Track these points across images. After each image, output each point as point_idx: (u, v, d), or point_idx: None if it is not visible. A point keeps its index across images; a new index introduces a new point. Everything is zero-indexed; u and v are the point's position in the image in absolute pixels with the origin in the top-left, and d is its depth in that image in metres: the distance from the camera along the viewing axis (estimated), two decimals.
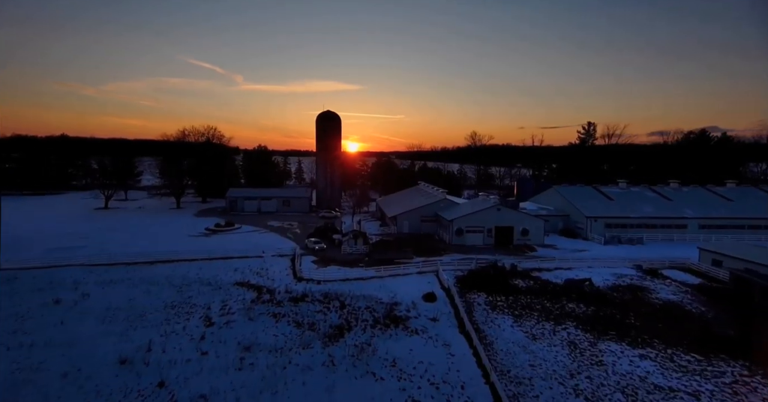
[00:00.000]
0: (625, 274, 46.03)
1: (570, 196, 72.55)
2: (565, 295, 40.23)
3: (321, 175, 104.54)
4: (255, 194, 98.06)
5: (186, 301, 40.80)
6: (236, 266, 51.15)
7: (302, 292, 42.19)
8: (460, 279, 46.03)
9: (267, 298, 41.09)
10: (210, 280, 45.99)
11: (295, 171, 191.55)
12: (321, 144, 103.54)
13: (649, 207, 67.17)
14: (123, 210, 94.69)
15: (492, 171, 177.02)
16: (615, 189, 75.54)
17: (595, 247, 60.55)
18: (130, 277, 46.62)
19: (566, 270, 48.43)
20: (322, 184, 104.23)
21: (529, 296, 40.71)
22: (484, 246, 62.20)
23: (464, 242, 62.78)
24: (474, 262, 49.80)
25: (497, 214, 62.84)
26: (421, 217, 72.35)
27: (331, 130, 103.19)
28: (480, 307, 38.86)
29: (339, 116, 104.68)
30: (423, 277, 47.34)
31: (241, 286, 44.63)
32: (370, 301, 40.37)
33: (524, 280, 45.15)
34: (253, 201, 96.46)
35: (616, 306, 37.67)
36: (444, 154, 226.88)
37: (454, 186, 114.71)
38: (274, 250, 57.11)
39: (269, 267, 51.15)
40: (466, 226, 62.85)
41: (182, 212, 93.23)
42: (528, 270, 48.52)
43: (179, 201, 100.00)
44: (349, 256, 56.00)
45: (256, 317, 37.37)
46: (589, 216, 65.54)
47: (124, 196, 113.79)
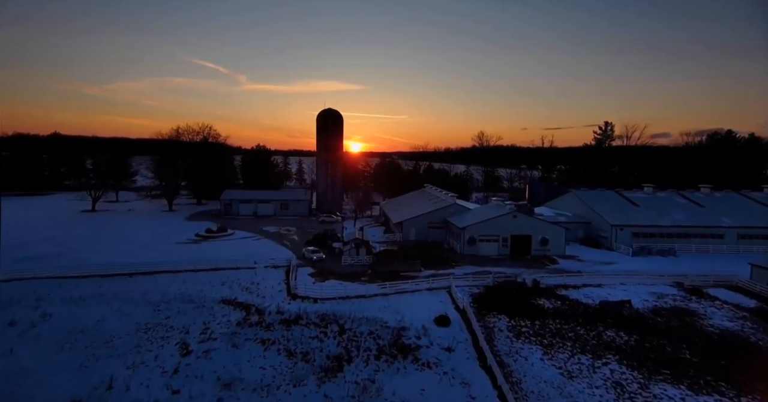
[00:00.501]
0: (665, 294, 40.69)
1: (591, 202, 67.20)
2: (600, 320, 34.98)
3: (321, 176, 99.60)
4: (251, 197, 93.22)
5: (162, 322, 35.81)
6: (224, 279, 46.18)
7: (296, 312, 37.12)
8: (477, 297, 40.86)
9: (255, 320, 36.05)
10: (193, 297, 41.00)
11: (296, 172, 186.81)
12: (322, 144, 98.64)
13: (680, 214, 61.73)
14: (111, 213, 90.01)
15: (499, 173, 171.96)
16: (640, 194, 70.11)
17: (622, 259, 55.19)
18: (103, 292, 41.70)
19: (595, 287, 43.15)
20: (322, 186, 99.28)
21: (557, 320, 35.46)
22: (498, 257, 56.98)
23: (477, 252, 57.59)
24: (491, 277, 44.61)
25: (513, 221, 57.62)
26: (429, 223, 67.21)
27: (333, 129, 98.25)
28: (502, 334, 33.67)
29: (341, 114, 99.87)
30: (434, 294, 42.19)
31: (228, 304, 39.61)
32: (374, 324, 35.25)
33: (549, 300, 39.91)
34: (249, 204, 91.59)
35: (662, 335, 32.39)
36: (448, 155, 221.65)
37: (461, 189, 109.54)
38: (268, 261, 52.14)
39: (261, 280, 46.15)
40: (479, 234, 57.67)
41: (174, 215, 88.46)
42: (552, 287, 43.28)
43: (171, 203, 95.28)
44: (350, 268, 50.94)
45: (242, 344, 32.34)
46: (615, 224, 60.18)
47: (115, 198, 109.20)
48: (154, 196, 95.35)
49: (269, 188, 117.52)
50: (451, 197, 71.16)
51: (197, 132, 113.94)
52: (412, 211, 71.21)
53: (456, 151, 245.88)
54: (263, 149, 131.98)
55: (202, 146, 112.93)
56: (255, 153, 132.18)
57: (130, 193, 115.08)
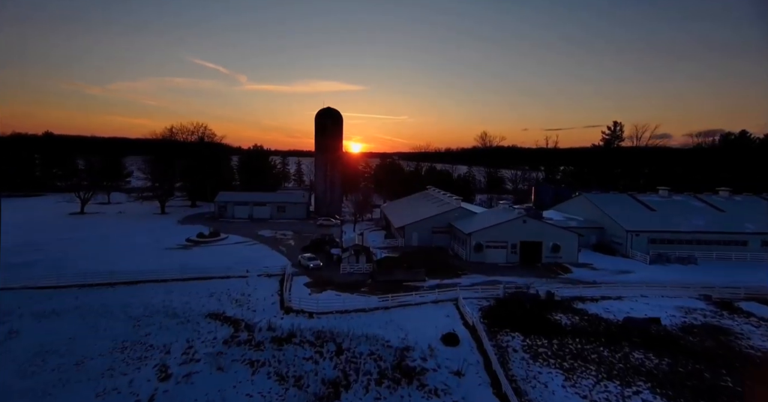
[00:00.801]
0: (693, 308, 37.47)
1: (604, 206, 64.01)
2: (625, 339, 31.77)
3: (320, 177, 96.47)
4: (247, 199, 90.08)
5: (142, 340, 32.64)
6: (213, 290, 43.02)
7: (289, 329, 33.91)
8: (486, 311, 37.69)
9: (244, 338, 32.84)
10: (177, 310, 37.82)
11: (295, 172, 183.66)
12: (320, 144, 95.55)
13: (700, 219, 58.53)
14: (101, 215, 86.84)
15: (503, 174, 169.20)
16: (655, 197, 66.92)
17: (639, 267, 51.99)
18: (79, 304, 38.52)
19: (615, 300, 39.96)
20: (321, 187, 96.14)
21: (577, 339, 32.26)
22: (507, 264, 53.81)
23: (484, 259, 54.43)
24: (501, 289, 41.41)
25: (523, 226, 54.45)
26: (433, 228, 64.07)
27: (332, 129, 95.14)
28: (517, 356, 30.47)
29: (340, 114, 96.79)
30: (440, 307, 39.02)
31: (215, 319, 36.43)
32: (375, 343, 32.05)
33: (566, 315, 36.72)
34: (245, 206, 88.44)
35: (697, 357, 29.18)
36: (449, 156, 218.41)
37: (465, 191, 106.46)
38: (261, 269, 49.01)
39: (253, 291, 42.98)
40: (486, 240, 54.49)
41: (166, 218, 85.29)
42: (568, 299, 40.09)
43: (164, 205, 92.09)
44: (349, 277, 47.77)
45: (228, 366, 29.16)
46: (630, 230, 56.99)
47: (107, 199, 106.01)
48: (146, 198, 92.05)
49: (266, 190, 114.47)
50: (455, 200, 68.02)
51: (192, 131, 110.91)
52: (414, 215, 68.05)
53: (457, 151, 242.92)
54: (260, 149, 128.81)
55: (197, 146, 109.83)
56: (252, 153, 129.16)
57: (124, 195, 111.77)
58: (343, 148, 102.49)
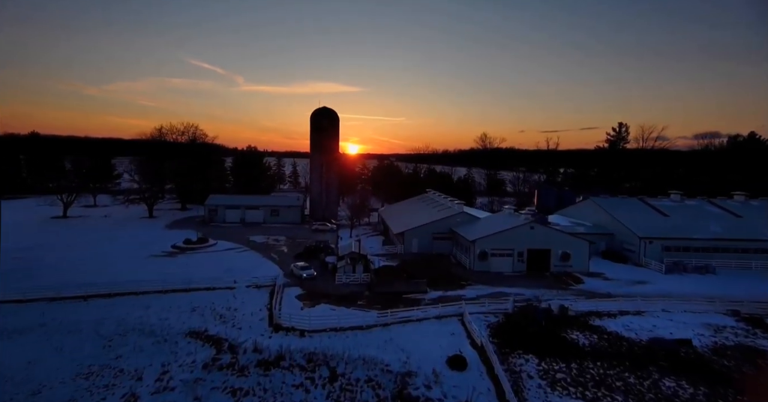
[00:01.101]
0: (722, 326, 34.41)
1: (613, 211, 61.02)
2: (652, 363, 28.63)
3: (315, 180, 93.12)
4: (238, 202, 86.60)
5: (111, 363, 29.26)
6: (197, 303, 39.63)
7: (278, 350, 30.59)
8: (495, 328, 34.52)
9: (227, 362, 29.51)
10: (155, 328, 34.43)
11: (290, 174, 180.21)
12: (316, 145, 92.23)
13: (716, 226, 55.59)
14: (84, 219, 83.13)
15: (503, 176, 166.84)
16: (667, 202, 64.00)
17: (654, 277, 48.97)
18: (46, 321, 35.07)
19: (635, 316, 36.85)
20: (316, 190, 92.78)
21: (598, 362, 29.10)
22: (513, 273, 50.68)
23: (489, 268, 51.29)
24: (510, 302, 38.22)
25: (530, 233, 51.34)
26: (434, 234, 60.88)
27: (328, 129, 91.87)
28: (532, 382, 27.26)
29: (336, 113, 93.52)
30: (444, 324, 35.79)
31: (196, 337, 33.06)
32: (373, 368, 28.78)
33: (584, 333, 33.57)
34: (236, 210, 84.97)
35: (736, 386, 26.05)
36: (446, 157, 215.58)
37: (466, 194, 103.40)
38: (250, 279, 45.64)
39: (240, 305, 39.62)
40: (491, 248, 51.35)
41: (153, 223, 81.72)
42: (584, 314, 36.95)
43: (152, 209, 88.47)
44: (345, 289, 44.47)
45: (206, 396, 25.87)
46: (643, 236, 53.99)
47: (93, 202, 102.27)
48: (132, 201, 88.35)
49: (261, 192, 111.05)
50: (457, 205, 64.87)
51: (182, 132, 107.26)
52: (414, 220, 64.83)
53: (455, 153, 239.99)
54: (254, 150, 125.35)
55: (188, 147, 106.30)
56: (245, 154, 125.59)
57: (110, 198, 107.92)
58: (339, 149, 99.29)
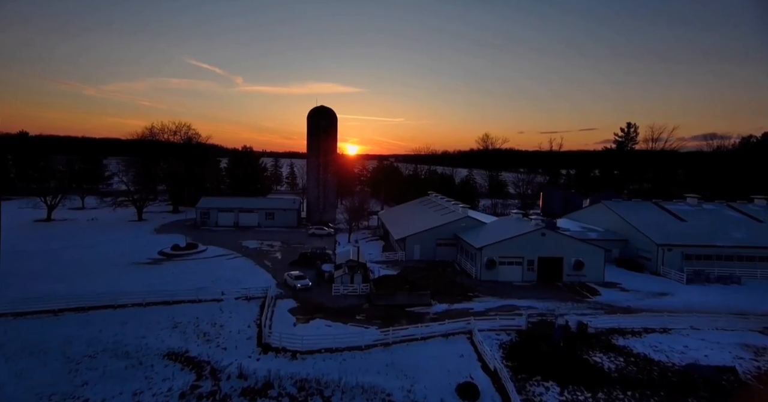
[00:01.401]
0: (762, 347, 31.13)
1: (627, 215, 57.83)
2: (690, 393, 25.34)
3: (312, 182, 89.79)
4: (232, 205, 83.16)
5: (75, 392, 25.89)
6: (179, 318, 36.23)
7: (265, 376, 27.22)
8: (509, 349, 31.21)
9: (207, 390, 26.18)
10: (130, 348, 31.02)
11: (287, 175, 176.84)
12: (313, 145, 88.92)
13: (739, 232, 52.43)
14: (70, 223, 79.63)
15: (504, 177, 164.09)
16: (683, 206, 60.81)
17: (675, 287, 45.75)
18: (8, 340, 31.63)
19: (662, 333, 33.60)
20: (313, 193, 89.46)
21: (628, 392, 25.82)
22: (523, 283, 47.42)
23: (497, 277, 48.04)
24: (524, 318, 34.89)
25: (541, 240, 48.10)
26: (437, 240, 57.63)
27: (326, 129, 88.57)
28: None
29: (334, 113, 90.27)
30: (451, 343, 32.50)
31: (175, 360, 29.67)
32: (373, 397, 25.48)
33: (607, 355, 30.27)
34: (230, 213, 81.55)
35: None
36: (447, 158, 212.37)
37: (468, 196, 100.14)
38: (239, 290, 42.24)
39: (227, 320, 36.23)
40: (499, 256, 48.09)
41: (141, 226, 78.25)
42: (604, 332, 33.67)
43: (141, 212, 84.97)
44: (343, 301, 41.12)
45: None
46: (662, 243, 50.79)
47: (81, 204, 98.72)
48: (119, 204, 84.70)
49: (256, 194, 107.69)
50: (462, 209, 61.57)
51: (174, 131, 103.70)
52: (416, 225, 61.52)
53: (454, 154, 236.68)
54: (249, 151, 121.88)
55: (180, 147, 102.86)
56: (241, 155, 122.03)
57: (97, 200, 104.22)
58: (337, 150, 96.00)
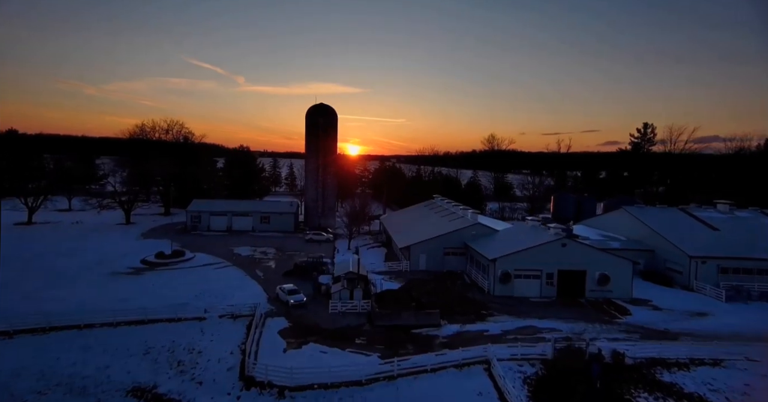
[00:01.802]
0: None
1: (653, 223, 53.21)
2: None
3: (311, 184, 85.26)
4: (225, 208, 78.64)
5: None
6: (152, 342, 31.70)
7: None
8: (535, 385, 26.66)
9: None
10: (88, 381, 26.54)
11: (287, 176, 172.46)
12: (312, 145, 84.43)
13: None
14: (52, 226, 75.28)
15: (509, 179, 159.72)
16: (714, 213, 56.13)
17: (713, 306, 41.09)
18: None
19: (713, 366, 28.95)
20: (312, 195, 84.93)
21: None
22: (541, 299, 42.82)
23: (512, 292, 43.46)
24: (549, 346, 30.23)
25: (562, 251, 43.49)
26: (445, 248, 53.08)
27: (325, 128, 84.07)
28: None
29: (334, 111, 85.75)
30: (466, 375, 27.93)
31: (140, 397, 25.13)
32: None
33: (653, 395, 25.64)
34: (222, 217, 77.06)
35: None
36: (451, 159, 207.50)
37: (474, 199, 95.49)
38: (226, 306, 37.70)
39: (207, 344, 31.69)
40: (515, 269, 43.51)
41: (128, 230, 73.86)
42: (645, 363, 29.03)
43: (129, 214, 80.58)
44: (341, 321, 36.56)
45: None
46: (695, 255, 46.13)
47: (68, 206, 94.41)
48: (104, 206, 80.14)
49: (253, 196, 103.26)
50: (472, 214, 56.98)
51: (166, 129, 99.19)
52: (421, 232, 56.95)
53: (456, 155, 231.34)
54: (246, 151, 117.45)
55: (173, 146, 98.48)
56: (238, 154, 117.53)
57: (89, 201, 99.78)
58: (337, 150, 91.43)
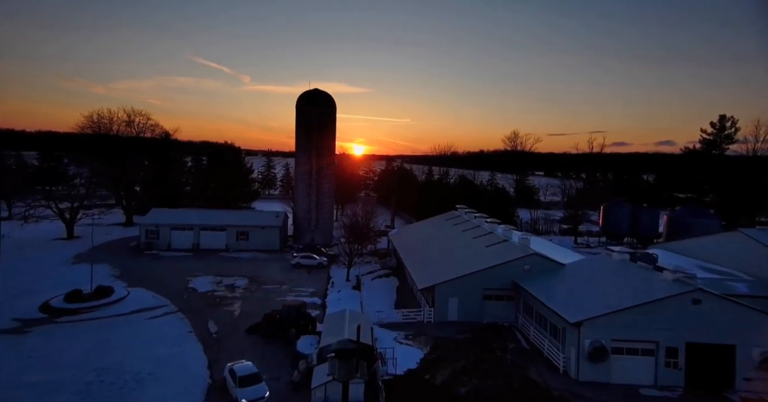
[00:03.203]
0: None
1: None
2: None
3: (302, 191, 69.26)
4: (192, 220, 62.62)
5: None
6: None
7: None
8: None
9: None
10: None
11: (282, 178, 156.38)
12: (303, 143, 68.60)
13: None
14: None
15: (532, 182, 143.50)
16: None
17: None
18: None
19: None
20: (303, 205, 68.95)
21: None
22: (660, 392, 26.49)
23: (609, 377, 27.18)
24: None
25: (691, 311, 27.11)
26: (485, 290, 36.84)
27: (320, 121, 68.12)
28: None
29: (333, 100, 69.86)
30: None
31: None
32: None
33: None
34: (188, 232, 61.19)
35: None
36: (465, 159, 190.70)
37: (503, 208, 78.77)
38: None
39: None
40: (612, 338, 27.16)
41: (65, 248, 58.25)
42: None
43: (72, 227, 64.86)
44: None
45: None
46: None
47: (8, 213, 78.82)
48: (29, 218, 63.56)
49: (239, 201, 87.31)
50: (521, 237, 40.66)
51: (125, 122, 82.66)
52: (448, 265, 40.62)
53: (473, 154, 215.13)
54: (231, 147, 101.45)
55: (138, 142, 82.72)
56: (219, 152, 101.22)
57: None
58: (336, 148, 75.26)
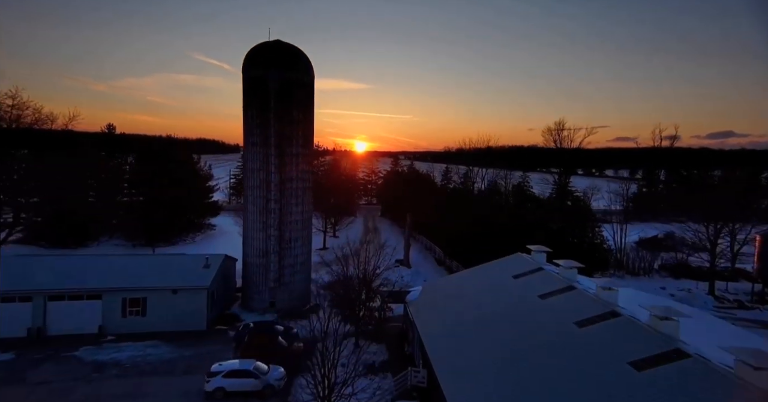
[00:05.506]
0: None
1: None
2: None
3: (255, 217, 40.68)
4: (33, 278, 33.62)
5: None
6: None
7: None
8: None
9: None
10: None
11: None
12: (257, 133, 40.03)
13: None
14: None
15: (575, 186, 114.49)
16: None
17: None
18: None
19: None
20: (257, 242, 40.37)
21: None
22: None
23: None
24: None
25: None
26: None
27: (287, 95, 39.51)
28: None
29: (308, 59, 41.43)
30: None
31: None
32: None
33: None
34: (22, 304, 32.39)
35: None
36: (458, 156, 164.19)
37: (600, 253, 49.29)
38: None
39: None
40: None
41: None
42: None
43: None
44: None
45: None
46: None
47: None
48: None
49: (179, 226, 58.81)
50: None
51: (8, 114, 52.93)
52: None
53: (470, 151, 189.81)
54: (169, 140, 71.68)
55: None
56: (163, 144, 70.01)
57: None
58: (313, 136, 45.69)
